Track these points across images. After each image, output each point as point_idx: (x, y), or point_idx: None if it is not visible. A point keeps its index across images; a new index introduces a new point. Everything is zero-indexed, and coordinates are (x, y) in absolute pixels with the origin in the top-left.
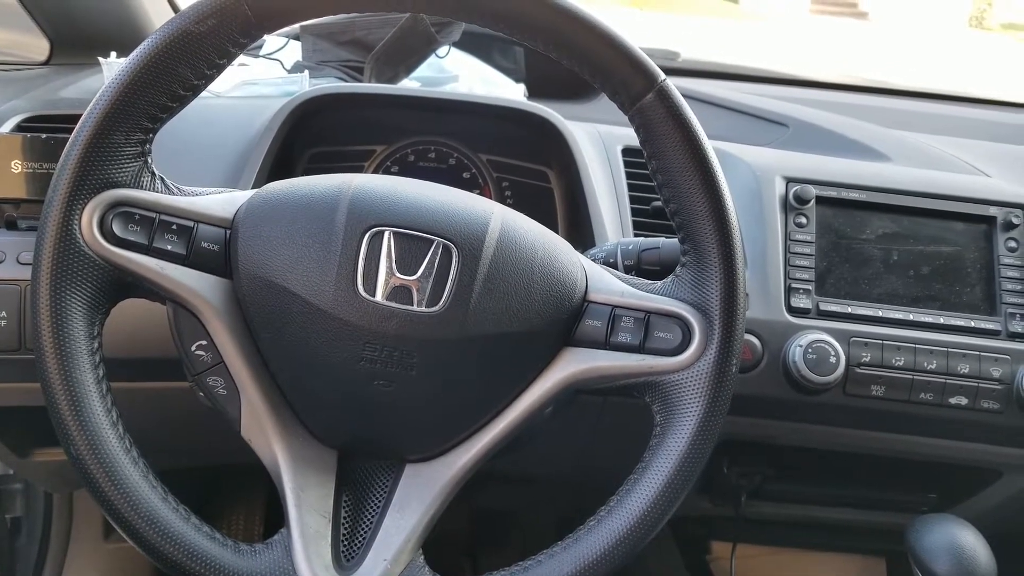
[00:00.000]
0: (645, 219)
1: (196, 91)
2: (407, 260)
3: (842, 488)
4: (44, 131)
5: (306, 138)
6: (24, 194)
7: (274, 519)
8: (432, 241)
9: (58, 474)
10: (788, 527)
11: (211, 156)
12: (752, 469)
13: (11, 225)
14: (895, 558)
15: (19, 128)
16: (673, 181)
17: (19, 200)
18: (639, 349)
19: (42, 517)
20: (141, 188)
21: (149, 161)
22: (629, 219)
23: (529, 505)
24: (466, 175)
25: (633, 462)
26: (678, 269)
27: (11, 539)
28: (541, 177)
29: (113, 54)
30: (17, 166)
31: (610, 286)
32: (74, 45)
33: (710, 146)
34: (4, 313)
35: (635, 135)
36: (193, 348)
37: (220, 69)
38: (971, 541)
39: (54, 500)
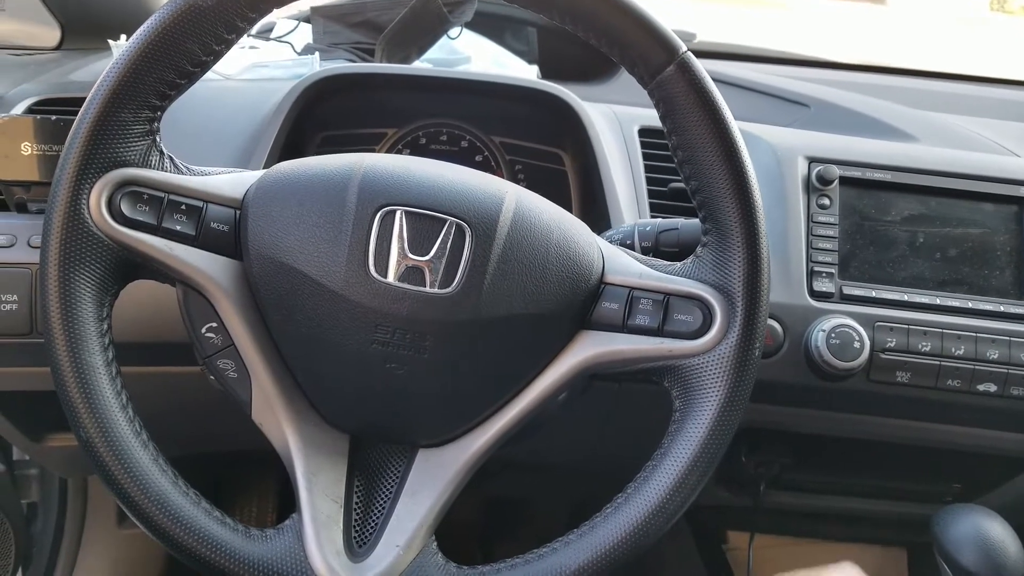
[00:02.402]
0: (662, 201)
1: (204, 67)
2: (419, 240)
3: (863, 478)
4: (54, 114)
5: (317, 121)
6: (35, 176)
7: (287, 507)
8: (445, 221)
9: (72, 459)
10: (807, 517)
11: (221, 138)
12: (771, 458)
13: (21, 208)
14: (917, 549)
15: (30, 111)
16: (694, 157)
17: (30, 183)
18: (658, 332)
19: (57, 503)
20: (150, 167)
21: (158, 140)
22: (646, 201)
23: (543, 493)
24: (479, 158)
25: (650, 450)
26: (699, 249)
27: (27, 524)
28: (555, 159)
29: (123, 37)
30: (27, 148)
31: (628, 267)
32: (85, 30)
33: (733, 120)
34: (15, 297)
35: (652, 115)
36: (203, 330)
37: (229, 45)
38: (1000, 532)
39: (69, 486)
